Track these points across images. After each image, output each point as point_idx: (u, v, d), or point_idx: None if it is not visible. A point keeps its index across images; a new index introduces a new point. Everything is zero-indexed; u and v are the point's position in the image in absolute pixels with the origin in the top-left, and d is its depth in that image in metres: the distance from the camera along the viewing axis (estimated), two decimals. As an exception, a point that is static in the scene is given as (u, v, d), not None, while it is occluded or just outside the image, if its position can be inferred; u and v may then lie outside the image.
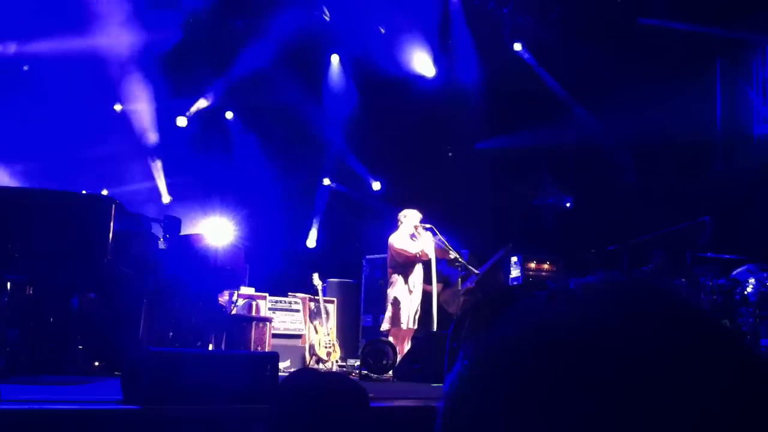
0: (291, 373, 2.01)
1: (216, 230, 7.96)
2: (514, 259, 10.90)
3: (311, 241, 14.20)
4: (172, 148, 12.86)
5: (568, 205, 12.86)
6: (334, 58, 13.53)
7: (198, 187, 13.01)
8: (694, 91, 10.90)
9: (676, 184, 10.89)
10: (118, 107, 12.74)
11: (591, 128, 11.66)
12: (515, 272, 10.80)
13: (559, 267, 10.99)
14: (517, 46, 12.73)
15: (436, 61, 13.11)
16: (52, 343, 6.32)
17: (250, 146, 13.75)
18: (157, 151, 12.72)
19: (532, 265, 10.84)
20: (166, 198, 12.93)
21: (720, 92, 11.54)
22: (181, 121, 13.34)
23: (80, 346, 6.49)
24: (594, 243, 9.93)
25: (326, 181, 14.45)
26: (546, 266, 10.94)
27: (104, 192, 10.15)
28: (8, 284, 6.42)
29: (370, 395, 1.99)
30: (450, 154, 13.70)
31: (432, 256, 9.23)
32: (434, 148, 13.56)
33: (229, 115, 13.92)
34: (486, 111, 13.14)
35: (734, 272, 8.79)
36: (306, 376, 1.91)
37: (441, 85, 13.28)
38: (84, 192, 7.37)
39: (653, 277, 9.12)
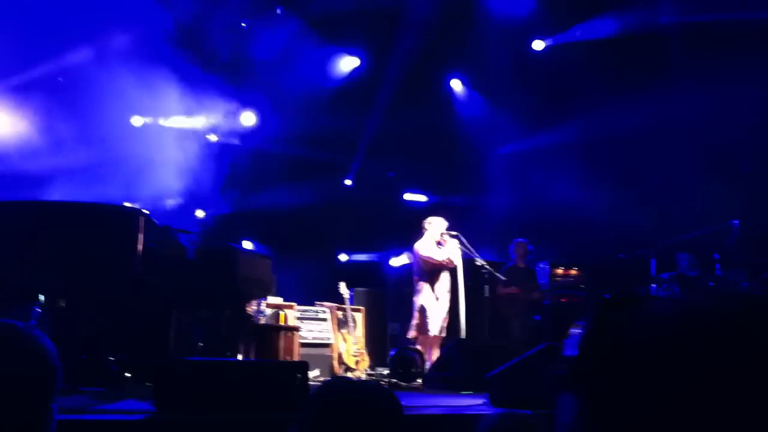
0: (324, 382, 2.02)
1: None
2: (543, 265, 10.86)
3: (343, 256, 14.21)
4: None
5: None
6: (354, 61, 13.51)
7: (222, 198, 13.06)
8: (720, 88, 10.72)
9: (704, 187, 10.77)
10: (138, 121, 12.73)
11: (615, 129, 11.56)
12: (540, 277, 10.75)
13: (586, 272, 10.93)
14: (538, 45, 12.67)
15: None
16: (83, 355, 6.39)
17: (274, 152, 13.76)
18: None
19: (560, 270, 10.79)
20: (200, 213, 12.97)
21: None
22: (212, 137, 13.49)
23: (111, 357, 6.54)
24: (621, 247, 9.87)
25: (348, 182, 14.47)
26: (573, 272, 10.88)
27: (127, 204, 10.21)
28: (40, 296, 6.51)
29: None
30: (471, 162, 13.70)
31: (458, 263, 9.23)
32: (456, 153, 13.55)
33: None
34: (507, 113, 13.19)
35: (765, 275, 8.72)
36: (340, 385, 1.92)
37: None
38: (113, 204, 7.45)
39: (681, 281, 9.10)
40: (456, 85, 13.74)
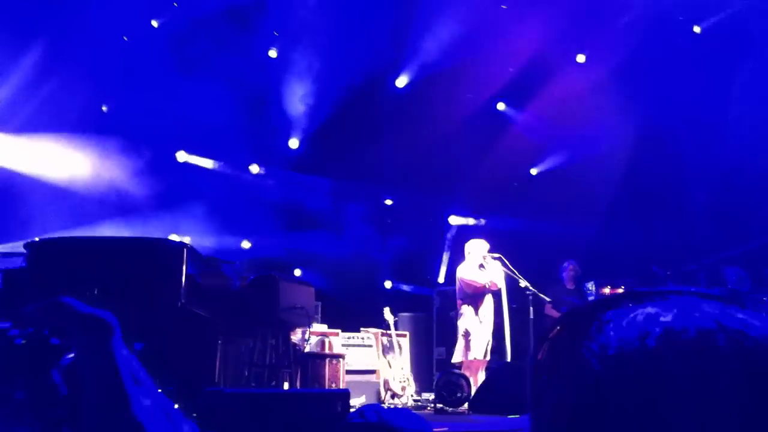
0: (355, 410, 2.02)
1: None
2: (589, 285, 10.76)
3: (388, 283, 14.12)
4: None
5: None
6: (401, 81, 13.56)
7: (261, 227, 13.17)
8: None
9: (750, 202, 10.57)
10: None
11: (661, 146, 11.42)
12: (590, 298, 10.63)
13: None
14: (581, 58, 12.69)
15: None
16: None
17: (315, 178, 13.83)
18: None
19: (606, 290, 10.66)
20: (245, 244, 13.08)
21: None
22: (254, 168, 13.68)
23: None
24: (669, 264, 9.72)
25: (388, 202, 14.38)
26: (621, 291, 10.70)
27: (173, 237, 10.33)
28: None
29: (444, 429, 1.99)
30: (515, 184, 13.62)
31: (502, 285, 9.17)
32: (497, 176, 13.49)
33: (293, 143, 13.94)
34: (540, 132, 13.18)
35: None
36: (369, 413, 1.92)
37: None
38: (157, 238, 7.57)
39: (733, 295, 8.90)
40: (501, 106, 13.78)
